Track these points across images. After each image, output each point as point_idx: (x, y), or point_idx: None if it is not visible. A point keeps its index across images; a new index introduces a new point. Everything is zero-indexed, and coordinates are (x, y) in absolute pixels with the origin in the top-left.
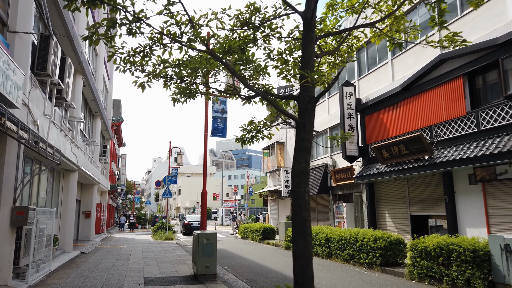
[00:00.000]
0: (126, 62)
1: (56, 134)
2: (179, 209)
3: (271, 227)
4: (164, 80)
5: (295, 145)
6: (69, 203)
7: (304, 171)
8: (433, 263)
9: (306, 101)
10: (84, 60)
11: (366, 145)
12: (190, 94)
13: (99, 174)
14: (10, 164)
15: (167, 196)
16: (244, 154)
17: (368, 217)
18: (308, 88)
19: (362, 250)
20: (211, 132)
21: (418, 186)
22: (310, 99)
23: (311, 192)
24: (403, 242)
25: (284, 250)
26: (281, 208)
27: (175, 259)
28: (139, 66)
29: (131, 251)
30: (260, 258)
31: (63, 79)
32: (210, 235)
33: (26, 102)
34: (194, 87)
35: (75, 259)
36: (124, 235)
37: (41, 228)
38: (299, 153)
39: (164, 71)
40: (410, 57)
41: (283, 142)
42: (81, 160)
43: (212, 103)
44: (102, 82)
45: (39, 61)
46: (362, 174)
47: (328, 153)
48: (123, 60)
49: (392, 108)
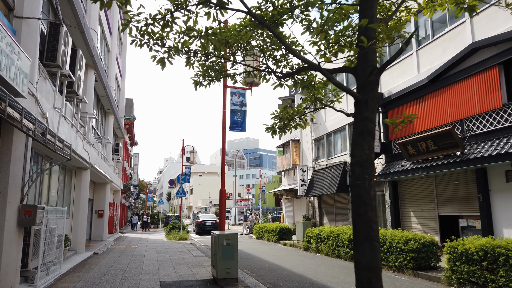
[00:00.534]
0: (143, 34)
1: (67, 129)
2: (191, 209)
3: (287, 227)
4: (187, 57)
5: (354, 128)
6: (81, 202)
7: (368, 159)
8: (475, 268)
9: (367, 73)
10: (96, 54)
11: (389, 142)
12: (215, 75)
13: (111, 172)
14: (17, 159)
15: (181, 195)
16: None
17: (392, 217)
18: (369, 56)
19: (391, 253)
20: (230, 127)
21: (447, 184)
22: (372, 70)
23: (329, 191)
24: (436, 244)
25: (303, 251)
26: (297, 207)
27: (191, 261)
28: (159, 39)
29: (145, 251)
30: (280, 260)
31: (74, 72)
32: (230, 236)
33: (33, 92)
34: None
35: (87, 261)
36: (137, 235)
37: (52, 228)
38: (361, 137)
39: (187, 45)
40: (437, 47)
41: (298, 139)
42: (93, 157)
43: (230, 95)
44: (115, 79)
45: (49, 51)
46: (385, 172)
47: (347, 151)
48: (139, 31)
49: (418, 102)
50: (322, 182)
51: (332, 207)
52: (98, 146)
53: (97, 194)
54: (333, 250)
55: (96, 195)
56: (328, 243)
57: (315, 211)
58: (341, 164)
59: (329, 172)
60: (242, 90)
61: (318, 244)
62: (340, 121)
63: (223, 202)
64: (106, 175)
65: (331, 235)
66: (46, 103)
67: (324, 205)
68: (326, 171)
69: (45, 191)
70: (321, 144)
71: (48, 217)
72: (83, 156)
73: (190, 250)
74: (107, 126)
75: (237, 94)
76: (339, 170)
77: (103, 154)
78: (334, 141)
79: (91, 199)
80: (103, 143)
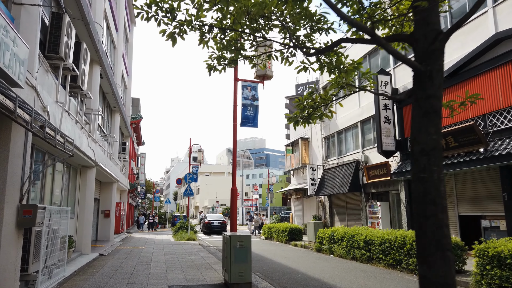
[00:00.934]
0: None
1: (71, 125)
2: (198, 208)
3: (298, 227)
4: (201, 33)
5: (414, 108)
6: (86, 202)
7: (436, 146)
8: (509, 272)
9: (429, 39)
10: (101, 49)
11: (405, 139)
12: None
13: (118, 171)
14: (15, 156)
15: (188, 195)
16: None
17: (408, 217)
18: (431, 18)
19: (411, 255)
20: (241, 122)
21: (468, 183)
22: (437, 35)
23: (340, 191)
24: (462, 246)
25: (315, 252)
26: (306, 207)
27: (200, 263)
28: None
29: (152, 253)
30: (293, 262)
31: (78, 66)
32: (243, 238)
33: (33, 84)
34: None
35: (93, 263)
36: (144, 235)
37: (54, 229)
38: (426, 119)
39: (201, 16)
40: (455, 40)
41: (307, 138)
42: (99, 155)
43: (242, 89)
44: (121, 77)
45: (51, 42)
46: (400, 170)
47: (359, 148)
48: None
49: None
50: (333, 181)
51: (344, 207)
52: (104, 145)
53: (103, 194)
54: (347, 251)
55: (102, 194)
56: (342, 244)
57: (326, 211)
58: (353, 162)
59: (341, 171)
60: (254, 83)
61: (331, 245)
62: (351, 118)
63: (235, 202)
64: (112, 174)
65: (345, 236)
66: (48, 96)
67: (335, 204)
68: (337, 170)
69: (48, 191)
70: (332, 142)
71: (51, 218)
72: (88, 154)
73: (199, 251)
74: (113, 124)
75: (248, 88)
76: (351, 168)
77: (109, 152)
78: (345, 139)
79: (97, 198)
80: (109, 141)
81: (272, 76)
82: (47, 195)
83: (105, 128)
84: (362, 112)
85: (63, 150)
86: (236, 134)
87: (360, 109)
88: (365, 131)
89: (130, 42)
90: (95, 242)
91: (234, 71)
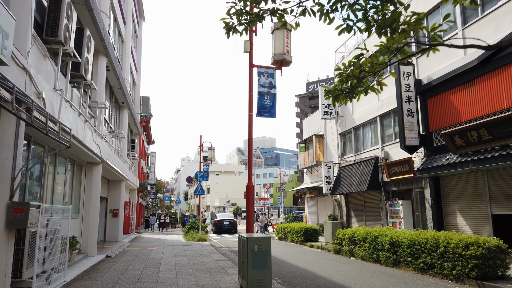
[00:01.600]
0: None
1: (72, 117)
2: (209, 208)
3: (313, 228)
4: None
5: None
6: (92, 200)
7: None
8: None
9: None
10: (107, 38)
11: (429, 133)
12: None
13: (126, 169)
14: (5, 147)
15: (199, 193)
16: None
17: (433, 217)
18: None
19: (446, 259)
20: (257, 112)
21: (502, 179)
22: None
23: (358, 189)
24: (504, 249)
25: (333, 254)
26: (321, 206)
27: (213, 266)
28: None
29: (161, 254)
30: (312, 265)
31: (81, 54)
32: (263, 240)
33: (24, 65)
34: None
35: (98, 265)
36: (154, 235)
37: (54, 230)
38: None
39: None
40: (488, 24)
41: (322, 134)
42: (105, 151)
43: (258, 76)
44: (129, 72)
45: (49, 25)
46: (426, 167)
47: (379, 144)
48: None
49: (465, 87)
50: (350, 179)
51: (361, 206)
52: (111, 141)
53: (112, 193)
54: (370, 254)
55: (111, 193)
56: (364, 246)
57: (342, 210)
58: (372, 159)
59: (358, 169)
60: (271, 69)
61: (351, 247)
62: (369, 112)
63: (251, 199)
64: (121, 172)
65: (368, 237)
66: (45, 83)
67: (352, 204)
68: (355, 167)
69: (49, 188)
70: (348, 138)
71: (50, 217)
72: (92, 149)
73: (211, 253)
74: (122, 120)
75: (265, 75)
76: (369, 166)
77: (117, 149)
78: (363, 134)
79: (105, 197)
80: (117, 137)
81: (291, 61)
82: (48, 193)
83: (112, 124)
84: (382, 106)
85: (57, 139)
86: (252, 125)
87: (379, 103)
88: (384, 126)
89: (139, 38)
90: (103, 242)
91: (249, 56)
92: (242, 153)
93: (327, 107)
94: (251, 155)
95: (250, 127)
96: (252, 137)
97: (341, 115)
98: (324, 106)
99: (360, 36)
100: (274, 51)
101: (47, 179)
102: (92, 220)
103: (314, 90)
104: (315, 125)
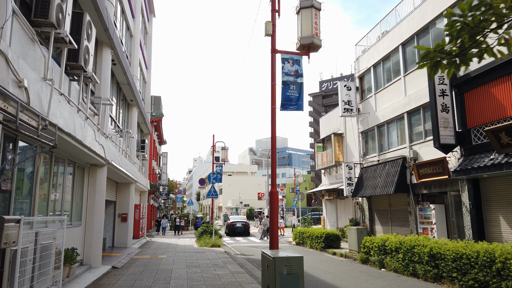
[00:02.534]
0: None
1: (68, 113)
2: (221, 209)
3: (334, 233)
4: None
5: None
6: (96, 206)
7: None
8: None
9: None
10: (111, 28)
11: (467, 130)
12: None
13: (136, 171)
14: None
15: (213, 196)
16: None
17: (473, 224)
18: None
19: (504, 277)
20: (281, 105)
21: None
22: None
23: (384, 192)
24: None
25: (360, 264)
26: (341, 209)
27: (229, 281)
28: None
29: (172, 265)
30: (340, 279)
31: (80, 41)
32: (293, 261)
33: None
34: None
35: (100, 280)
36: (166, 240)
37: (44, 245)
38: None
39: None
40: None
41: (341, 133)
42: (110, 152)
43: (282, 63)
44: (139, 69)
45: (38, 4)
46: (465, 168)
47: (406, 143)
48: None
49: (508, 79)
50: (374, 181)
51: (386, 210)
52: (119, 141)
53: (120, 196)
54: (405, 266)
55: (119, 197)
56: (398, 256)
57: (365, 214)
58: (399, 159)
59: (383, 169)
60: (297, 55)
61: (381, 257)
62: (395, 109)
63: (275, 206)
64: (129, 174)
65: (402, 247)
66: (30, 70)
67: (376, 207)
68: (379, 168)
69: (42, 195)
70: (371, 137)
71: (39, 231)
72: (94, 149)
73: (226, 263)
74: (131, 119)
75: (290, 61)
76: (396, 166)
77: (125, 150)
78: (388, 133)
79: (113, 201)
80: (125, 137)
81: (320, 46)
82: (42, 202)
83: (120, 123)
84: (409, 102)
85: (35, 137)
86: (275, 120)
87: (406, 98)
88: (412, 123)
89: (149, 34)
90: (111, 249)
91: (271, 40)
92: (254, 153)
93: (347, 104)
94: (274, 157)
95: (273, 123)
96: (275, 134)
97: (362, 112)
98: (344, 102)
99: (384, 26)
100: (301, 34)
101: (38, 185)
102: (96, 227)
103: (328, 88)
104: (333, 123)
